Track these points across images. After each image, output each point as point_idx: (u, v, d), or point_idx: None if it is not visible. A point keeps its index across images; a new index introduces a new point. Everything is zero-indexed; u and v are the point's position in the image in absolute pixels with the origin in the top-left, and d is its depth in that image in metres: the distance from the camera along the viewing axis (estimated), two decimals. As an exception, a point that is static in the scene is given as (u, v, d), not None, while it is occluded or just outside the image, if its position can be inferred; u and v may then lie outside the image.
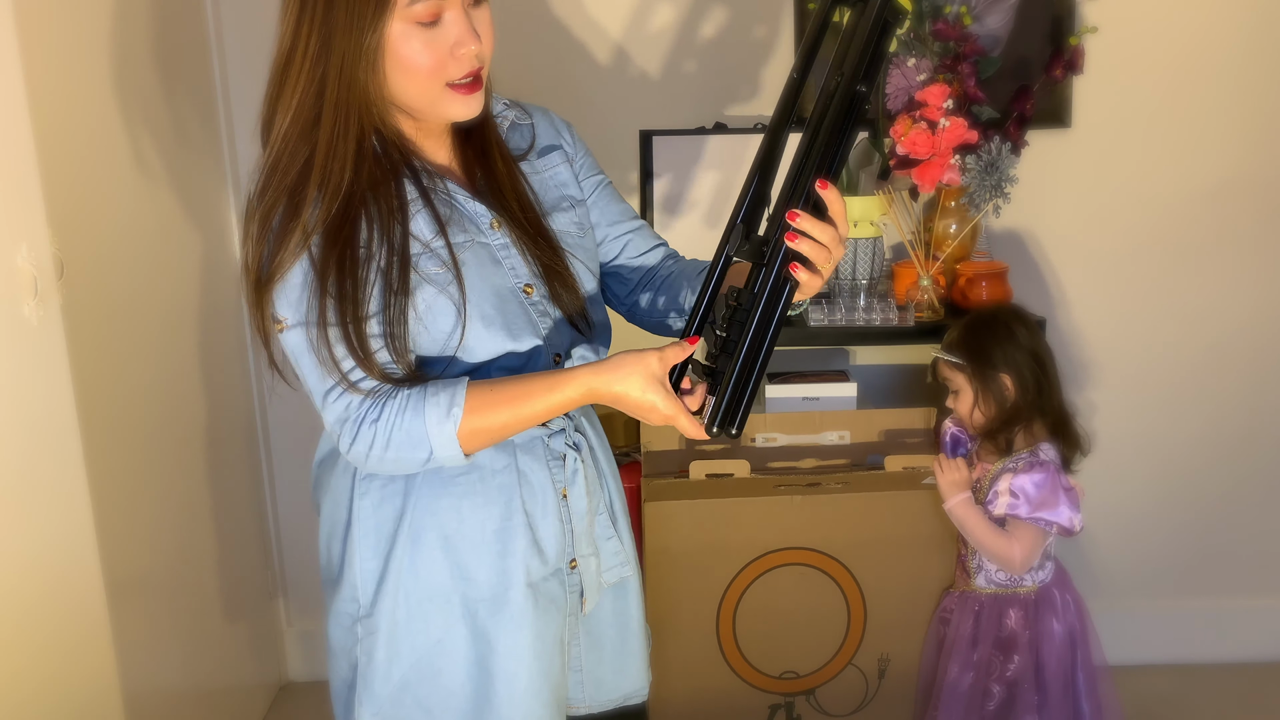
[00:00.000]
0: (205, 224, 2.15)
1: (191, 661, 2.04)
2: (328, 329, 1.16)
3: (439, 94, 1.18)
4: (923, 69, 2.06)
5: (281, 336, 1.19)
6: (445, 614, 1.27)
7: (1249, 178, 2.29)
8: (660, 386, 1.16)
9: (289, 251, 1.15)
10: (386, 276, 1.17)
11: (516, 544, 1.28)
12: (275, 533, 2.47)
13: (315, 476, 1.40)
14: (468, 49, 1.16)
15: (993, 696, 1.96)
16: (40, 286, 1.45)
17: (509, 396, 1.18)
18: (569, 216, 1.35)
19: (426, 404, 1.17)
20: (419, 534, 1.27)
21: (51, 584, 1.51)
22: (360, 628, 1.30)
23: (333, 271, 1.15)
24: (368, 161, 1.18)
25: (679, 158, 2.17)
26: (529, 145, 1.35)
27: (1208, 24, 2.21)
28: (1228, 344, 2.37)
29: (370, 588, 1.28)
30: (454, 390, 1.17)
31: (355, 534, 1.29)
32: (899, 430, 2.09)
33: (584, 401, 1.19)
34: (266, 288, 1.17)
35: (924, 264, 2.13)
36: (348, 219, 1.16)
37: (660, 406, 1.16)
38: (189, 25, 2.10)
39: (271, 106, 1.18)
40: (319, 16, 1.13)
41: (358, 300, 1.16)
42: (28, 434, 1.45)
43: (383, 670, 1.28)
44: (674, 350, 1.17)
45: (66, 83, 1.61)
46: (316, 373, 1.18)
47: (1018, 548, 1.87)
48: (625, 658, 1.44)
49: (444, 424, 1.16)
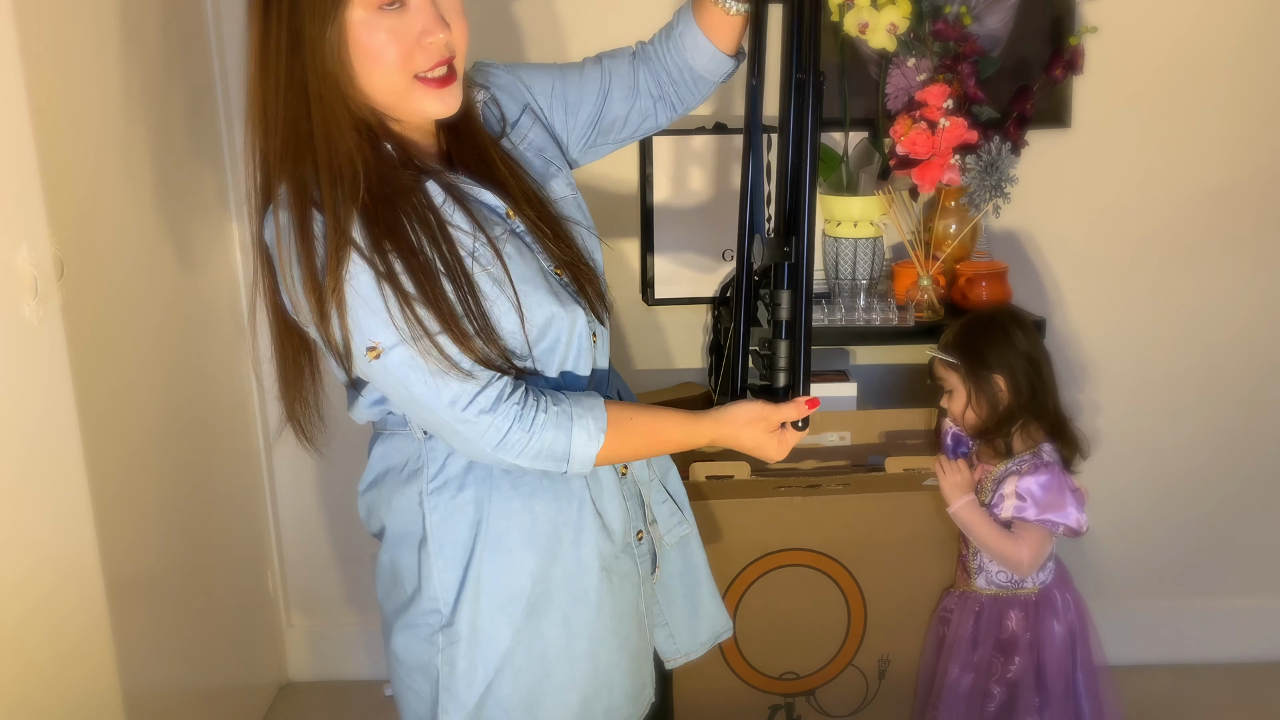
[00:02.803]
0: (205, 224, 2.15)
1: (191, 661, 2.04)
2: (435, 338, 1.14)
3: (408, 88, 1.14)
4: (923, 69, 2.06)
5: (379, 363, 1.15)
6: (526, 614, 1.29)
7: (1249, 178, 2.29)
8: (769, 436, 1.30)
9: (341, 263, 1.11)
10: (453, 276, 1.16)
11: (587, 533, 1.30)
12: (275, 533, 2.47)
13: (369, 498, 1.38)
14: (435, 37, 1.12)
15: (993, 698, 1.96)
16: (40, 286, 1.45)
17: (645, 425, 1.27)
18: (560, 181, 1.34)
19: (575, 425, 1.21)
20: (496, 539, 1.28)
21: (51, 584, 1.51)
22: (441, 637, 1.30)
23: (409, 281, 1.13)
24: (371, 156, 1.16)
25: (679, 158, 2.16)
26: (502, 125, 1.33)
27: (1208, 24, 2.21)
28: (1228, 344, 2.37)
29: (450, 597, 1.29)
30: (598, 414, 1.23)
31: (431, 547, 1.29)
32: (899, 431, 2.09)
33: (710, 444, 1.31)
34: (339, 311, 1.13)
35: (924, 264, 2.13)
36: (389, 225, 1.14)
37: (769, 450, 1.31)
38: (189, 25, 2.09)
39: (259, 111, 1.15)
40: (285, 10, 1.10)
41: (440, 303, 1.15)
42: (28, 434, 1.45)
43: (466, 677, 1.29)
44: (790, 409, 1.29)
45: (67, 83, 1.61)
46: (429, 386, 1.16)
47: (1025, 550, 1.87)
48: (699, 602, 1.51)
49: (588, 446, 1.22)
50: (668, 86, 1.41)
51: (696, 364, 2.39)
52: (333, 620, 2.54)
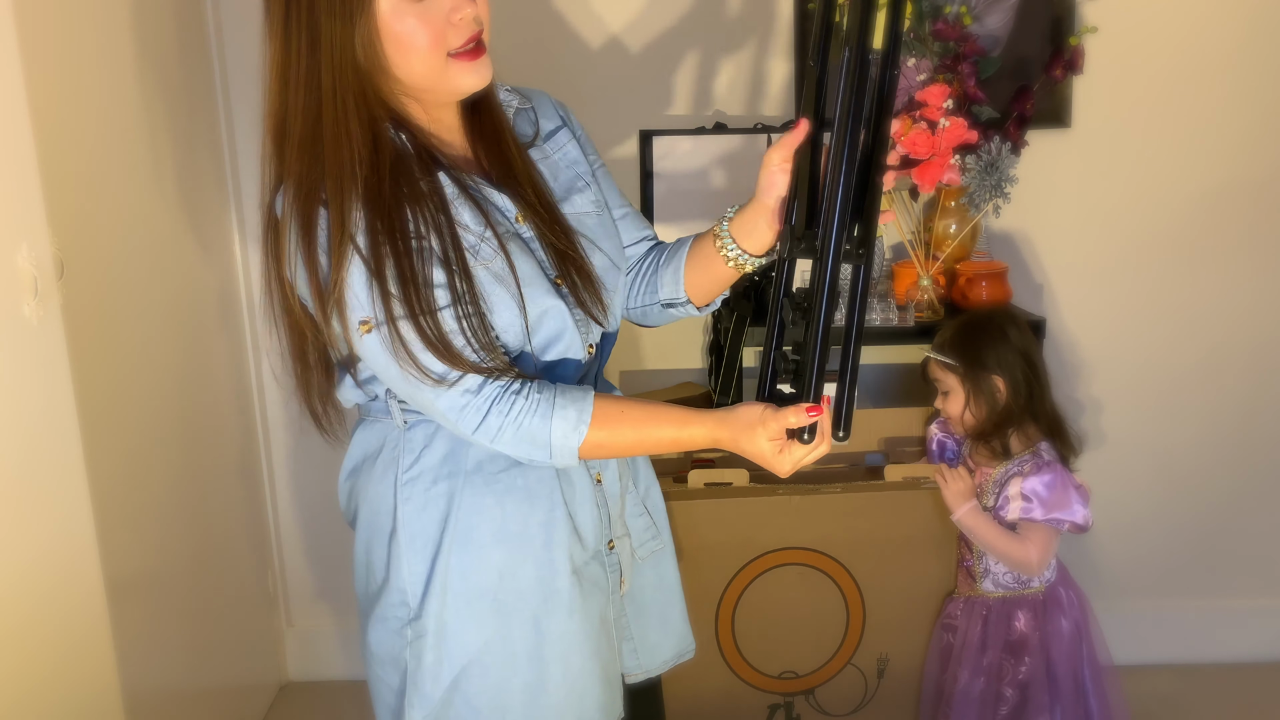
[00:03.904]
0: (205, 223, 2.15)
1: (191, 661, 2.04)
2: (398, 324, 1.14)
3: (444, 67, 1.16)
4: (923, 69, 2.06)
5: (370, 337, 1.16)
6: (494, 612, 1.28)
7: (1248, 177, 2.29)
8: (771, 443, 1.20)
9: (342, 256, 1.13)
10: (446, 264, 1.16)
11: (559, 534, 1.29)
12: (275, 533, 2.47)
13: (347, 487, 1.39)
14: (463, 13, 1.14)
15: (1005, 700, 1.95)
16: (40, 286, 1.45)
17: (635, 419, 1.22)
18: (586, 196, 1.34)
19: (555, 414, 1.19)
20: (465, 535, 1.27)
21: (51, 584, 1.51)
22: (409, 630, 1.30)
23: (389, 262, 1.14)
24: (388, 150, 1.17)
25: (679, 158, 2.17)
26: (535, 131, 1.34)
27: (1207, 24, 2.21)
28: (1228, 344, 2.37)
29: (418, 590, 1.29)
30: (582, 405, 1.20)
31: (401, 539, 1.29)
32: (898, 430, 2.09)
33: (706, 446, 1.25)
34: (336, 302, 1.14)
35: (924, 264, 2.13)
36: (388, 212, 1.15)
37: (772, 459, 1.21)
38: (189, 24, 2.10)
39: (279, 119, 1.16)
40: (304, 13, 1.11)
41: (420, 290, 1.14)
42: (28, 434, 1.45)
43: (432, 672, 1.29)
44: (793, 414, 1.18)
45: (67, 83, 1.61)
46: (399, 374, 1.17)
47: (1034, 550, 1.87)
48: (669, 620, 1.49)
49: (569, 436, 1.20)
50: (629, 275, 1.42)
51: (696, 364, 2.39)
52: (333, 620, 2.54)
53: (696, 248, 1.35)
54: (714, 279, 1.35)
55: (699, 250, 1.35)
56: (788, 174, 1.23)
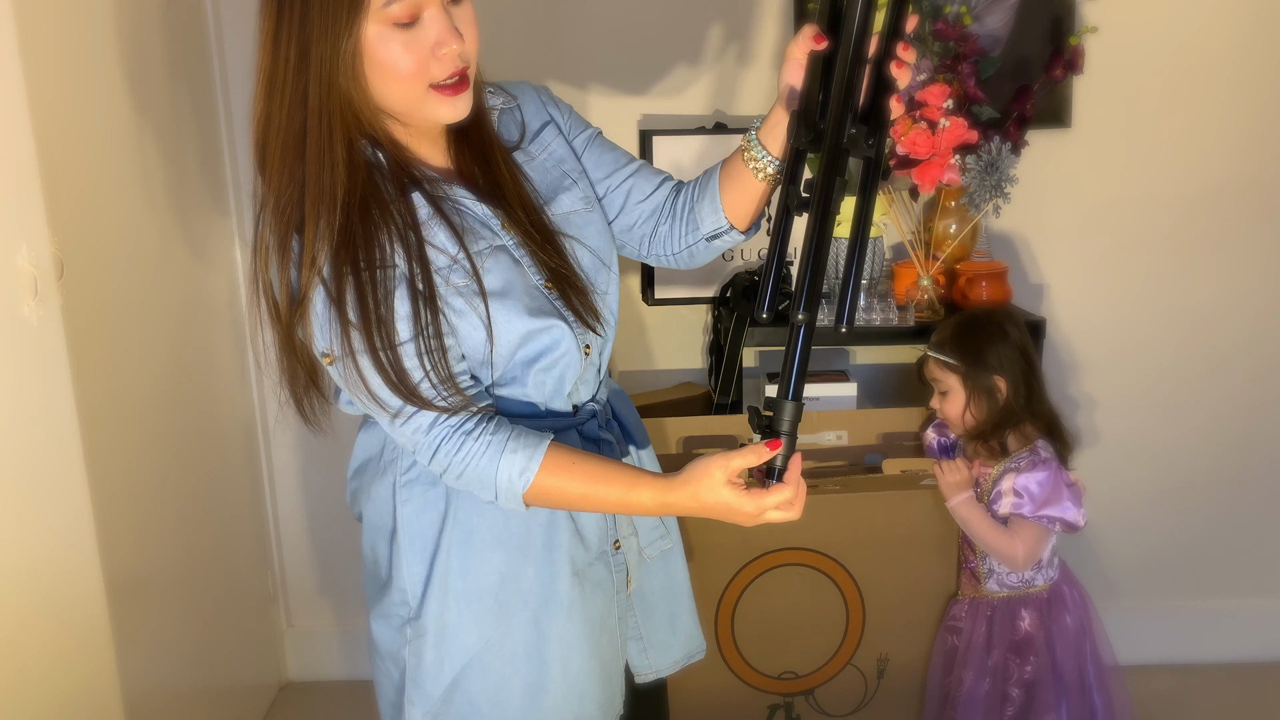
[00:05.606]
0: (205, 223, 2.15)
1: (191, 661, 2.04)
2: (357, 357, 1.15)
3: (423, 97, 1.16)
4: (923, 69, 2.06)
5: (333, 369, 1.18)
6: (495, 613, 1.29)
7: (1248, 177, 2.29)
8: (730, 488, 1.17)
9: (308, 277, 1.14)
10: (413, 296, 1.16)
11: (560, 536, 1.30)
12: (275, 533, 2.47)
13: (353, 485, 1.40)
14: (449, 49, 1.13)
15: (1011, 701, 1.95)
16: (40, 286, 1.46)
17: (585, 473, 1.20)
18: (574, 195, 1.33)
19: (504, 457, 1.19)
20: (464, 536, 1.28)
21: (51, 584, 1.51)
22: (410, 629, 1.31)
23: (350, 294, 1.14)
24: (362, 171, 1.17)
25: (679, 158, 2.16)
26: (520, 132, 1.33)
27: (1207, 24, 2.21)
28: (1227, 344, 2.37)
29: (418, 590, 1.30)
30: (533, 452, 1.19)
31: (401, 539, 1.30)
32: (897, 430, 2.09)
33: (661, 514, 1.22)
34: (299, 319, 1.16)
35: (924, 264, 2.13)
36: (355, 238, 1.14)
37: (736, 505, 1.17)
38: (189, 24, 2.10)
39: (263, 129, 1.16)
40: (295, 26, 1.11)
41: (382, 323, 1.15)
42: (28, 434, 1.45)
43: (432, 670, 1.30)
44: (749, 454, 1.16)
45: (67, 83, 1.61)
46: (375, 399, 1.18)
47: (1020, 545, 1.87)
48: (679, 620, 1.49)
49: (514, 483, 1.20)
50: (665, 223, 1.38)
51: (696, 364, 2.39)
52: (333, 620, 2.54)
53: (727, 172, 1.32)
54: (750, 197, 1.31)
55: (730, 174, 1.32)
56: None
